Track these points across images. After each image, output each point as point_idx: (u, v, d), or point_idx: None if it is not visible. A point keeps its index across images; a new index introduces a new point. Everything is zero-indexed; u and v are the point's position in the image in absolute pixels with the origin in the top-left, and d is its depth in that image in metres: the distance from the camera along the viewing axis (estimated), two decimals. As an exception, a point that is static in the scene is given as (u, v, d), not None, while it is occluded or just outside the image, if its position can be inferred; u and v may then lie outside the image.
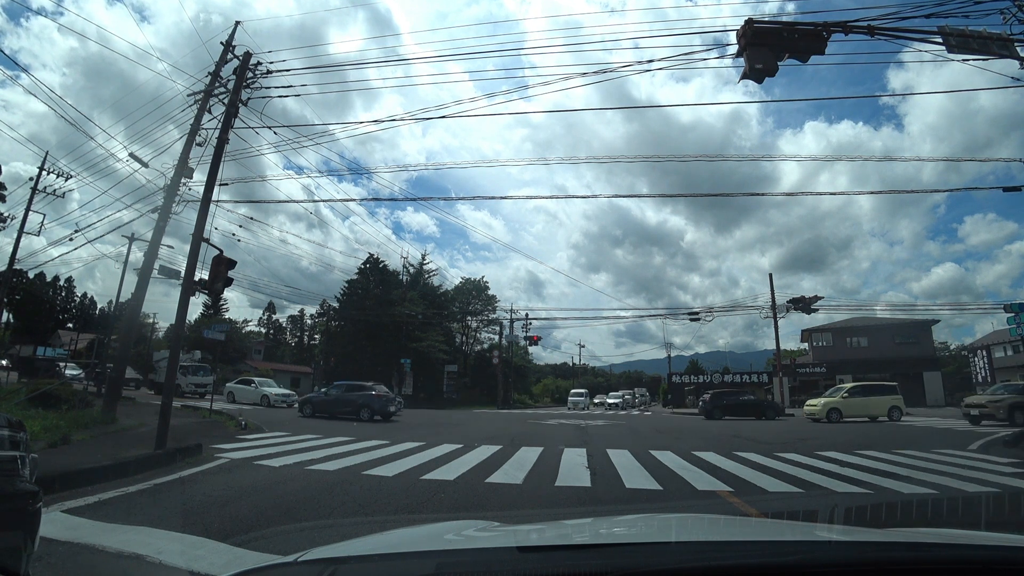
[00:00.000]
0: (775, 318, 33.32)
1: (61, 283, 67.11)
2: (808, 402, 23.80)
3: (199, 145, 11.78)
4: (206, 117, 11.85)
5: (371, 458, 8.49)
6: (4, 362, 31.93)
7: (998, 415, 16.92)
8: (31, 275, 51.09)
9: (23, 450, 2.44)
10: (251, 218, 47.69)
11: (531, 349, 58.20)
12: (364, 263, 47.63)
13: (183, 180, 12.26)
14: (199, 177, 12.05)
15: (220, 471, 7.08)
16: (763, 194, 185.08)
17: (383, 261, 48.39)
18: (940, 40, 8.57)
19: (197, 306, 55.98)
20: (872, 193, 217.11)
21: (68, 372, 27.24)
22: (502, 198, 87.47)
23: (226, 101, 10.95)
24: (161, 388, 12.01)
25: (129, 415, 11.78)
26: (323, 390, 21.65)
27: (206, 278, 9.24)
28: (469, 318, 56.37)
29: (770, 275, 38.04)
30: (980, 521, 4.51)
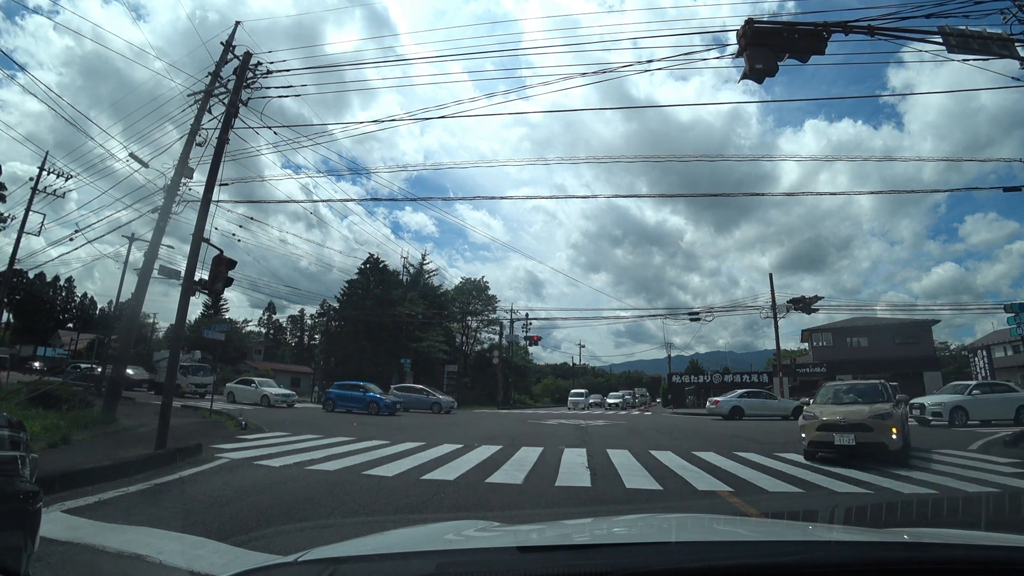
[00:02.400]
0: (775, 318, 33.32)
1: (61, 283, 67.20)
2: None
3: (199, 145, 11.78)
4: (206, 117, 11.85)
5: (371, 458, 8.49)
6: (37, 364, 32.24)
7: (892, 443, 8.37)
8: (31, 275, 51.15)
9: (23, 450, 2.44)
10: (251, 218, 47.77)
11: (531, 349, 58.19)
12: (364, 263, 47.65)
13: (183, 180, 12.26)
14: (199, 177, 12.07)
15: (220, 471, 7.08)
16: (763, 194, 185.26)
17: (383, 261, 48.43)
18: (940, 40, 8.57)
19: (197, 306, 56.03)
20: (872, 193, 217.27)
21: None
22: (501, 198, 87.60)
23: (226, 101, 10.95)
24: (161, 388, 12.01)
25: (129, 415, 11.78)
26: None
27: (206, 278, 9.24)
28: (469, 318, 56.36)
29: (770, 275, 38.08)
30: (980, 521, 4.51)
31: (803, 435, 9.23)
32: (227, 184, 12.48)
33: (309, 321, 76.13)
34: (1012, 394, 17.34)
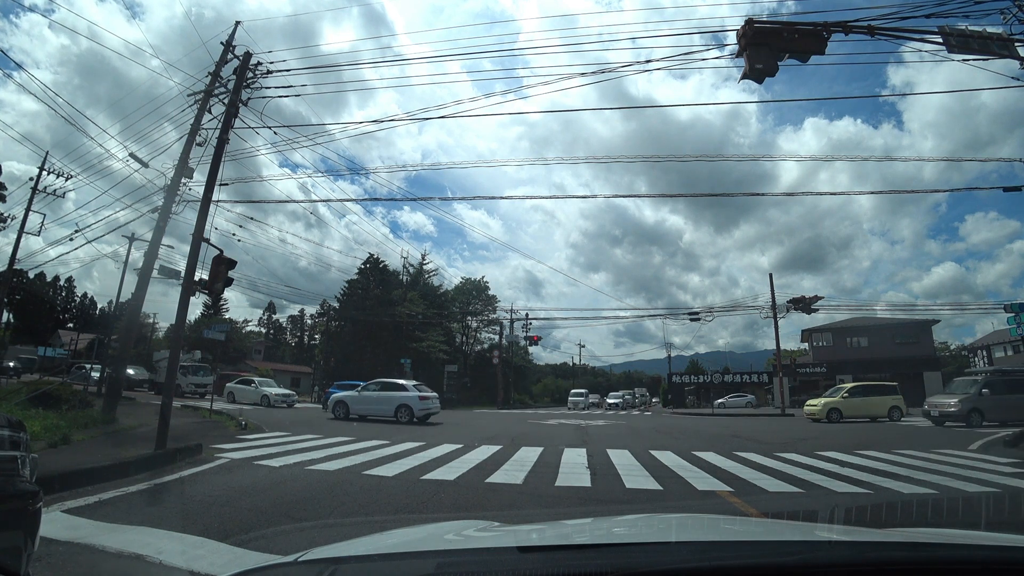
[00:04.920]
0: (775, 318, 33.31)
1: (61, 283, 67.21)
2: (808, 402, 23.79)
3: (199, 145, 11.78)
4: (206, 117, 11.85)
5: (371, 458, 8.49)
6: (11, 363, 31.87)
7: None
8: (31, 275, 51.11)
9: (23, 450, 2.44)
10: (251, 218, 47.80)
11: (531, 349, 58.26)
12: (364, 263, 47.72)
13: (183, 180, 12.26)
14: (199, 177, 12.07)
15: (220, 471, 7.08)
16: (762, 194, 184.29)
17: (383, 261, 48.52)
18: (940, 40, 8.57)
19: (197, 306, 56.09)
20: (872, 193, 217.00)
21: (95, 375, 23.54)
22: (499, 198, 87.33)
23: (226, 101, 10.95)
24: (161, 388, 12.01)
25: (129, 415, 11.78)
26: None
27: (206, 278, 9.24)
28: (469, 318, 56.37)
29: (770, 275, 38.11)
30: (980, 521, 4.52)
31: None
32: (227, 184, 12.49)
33: (309, 321, 76.23)
34: (390, 393, 18.15)
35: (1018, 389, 17.28)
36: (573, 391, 48.26)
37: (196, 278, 9.22)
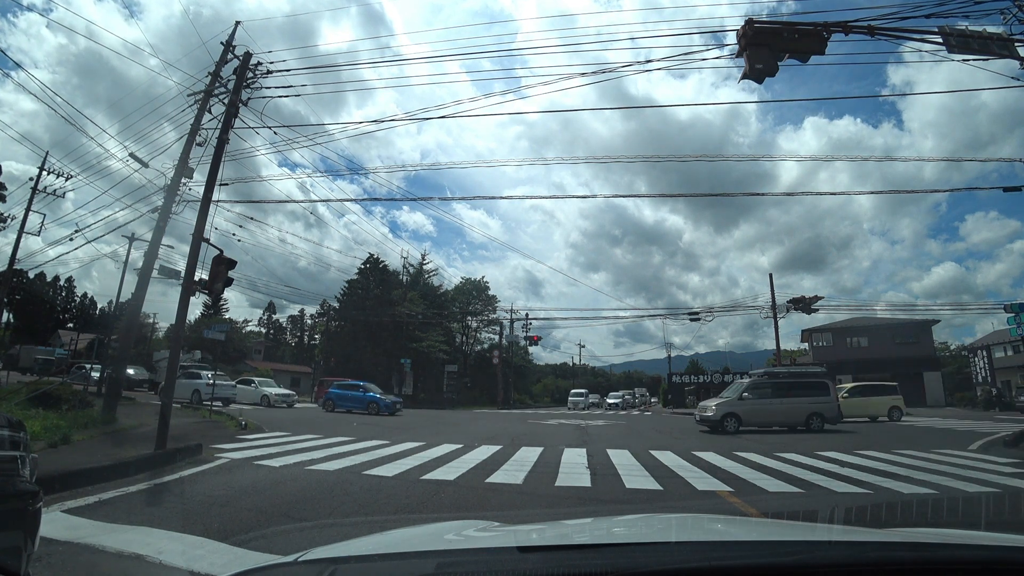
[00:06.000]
0: (775, 318, 33.25)
1: (61, 283, 67.23)
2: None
3: (199, 145, 11.76)
4: (206, 117, 11.83)
5: (371, 458, 8.49)
6: None
7: None
8: (31, 275, 51.17)
9: (23, 450, 2.44)
10: (250, 218, 47.67)
11: (531, 349, 58.23)
12: (364, 263, 47.65)
13: (183, 180, 12.25)
14: (199, 177, 12.05)
15: (220, 471, 7.08)
16: (762, 194, 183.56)
17: (383, 261, 48.47)
18: (940, 40, 8.57)
19: (197, 306, 56.08)
20: (872, 193, 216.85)
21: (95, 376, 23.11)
22: (499, 198, 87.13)
23: (226, 101, 10.94)
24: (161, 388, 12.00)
25: (129, 415, 11.78)
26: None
27: (206, 278, 9.23)
28: (469, 318, 56.30)
29: (770, 275, 38.06)
30: (980, 521, 4.52)
31: None
32: (227, 184, 12.47)
33: (309, 321, 76.21)
34: (190, 380, 19.05)
35: (784, 392, 16.29)
36: (573, 391, 48.25)
37: (196, 278, 9.22)
